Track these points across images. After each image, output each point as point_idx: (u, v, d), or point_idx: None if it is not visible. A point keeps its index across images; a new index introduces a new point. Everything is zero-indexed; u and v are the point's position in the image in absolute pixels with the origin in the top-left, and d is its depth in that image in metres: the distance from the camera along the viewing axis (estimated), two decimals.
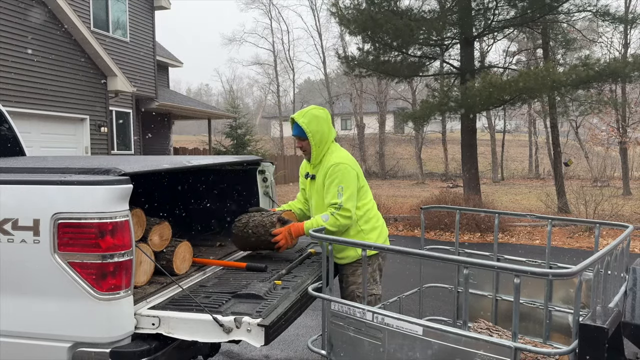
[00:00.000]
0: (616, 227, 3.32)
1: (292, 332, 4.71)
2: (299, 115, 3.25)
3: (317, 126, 3.22)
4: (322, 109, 3.32)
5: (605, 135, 21.14)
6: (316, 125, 3.22)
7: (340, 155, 3.24)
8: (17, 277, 2.21)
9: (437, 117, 14.74)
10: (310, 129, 3.20)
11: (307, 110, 3.28)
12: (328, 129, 3.27)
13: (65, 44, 11.41)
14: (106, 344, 2.16)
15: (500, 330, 3.05)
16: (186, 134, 41.32)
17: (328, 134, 3.27)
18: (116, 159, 3.44)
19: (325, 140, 3.25)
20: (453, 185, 21.56)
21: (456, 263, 3.22)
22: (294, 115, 3.29)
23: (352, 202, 3.12)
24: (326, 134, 3.26)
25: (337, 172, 3.12)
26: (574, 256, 6.92)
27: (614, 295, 2.67)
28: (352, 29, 12.58)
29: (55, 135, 11.43)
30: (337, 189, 3.11)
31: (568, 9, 12.26)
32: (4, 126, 4.22)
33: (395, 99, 34.46)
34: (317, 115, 3.24)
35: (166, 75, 20.90)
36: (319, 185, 3.24)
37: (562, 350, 2.21)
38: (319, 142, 3.23)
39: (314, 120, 3.22)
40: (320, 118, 3.25)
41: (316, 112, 3.26)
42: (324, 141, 3.25)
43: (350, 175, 3.15)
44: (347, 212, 3.09)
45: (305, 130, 3.20)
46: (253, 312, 2.31)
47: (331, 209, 3.10)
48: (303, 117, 3.23)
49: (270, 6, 40.17)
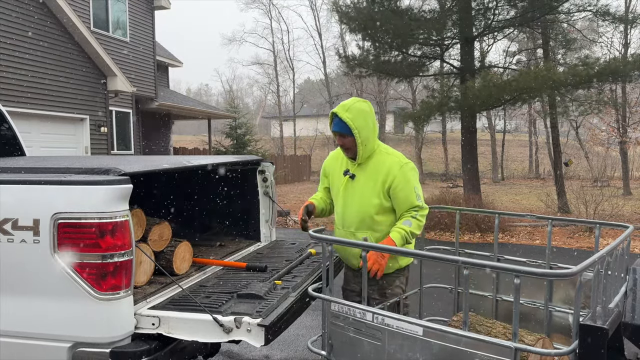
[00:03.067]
0: (616, 227, 3.32)
1: (292, 332, 4.70)
2: (342, 109, 2.91)
3: (364, 121, 2.91)
4: (366, 102, 3.01)
5: (605, 135, 21.15)
6: (363, 120, 2.90)
7: (399, 153, 3.06)
8: (17, 277, 2.21)
9: (437, 117, 14.75)
10: (357, 125, 2.88)
11: (351, 103, 2.95)
12: (373, 124, 2.99)
13: (65, 44, 11.41)
14: (106, 344, 2.16)
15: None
16: (186, 134, 41.32)
17: (374, 130, 2.99)
18: (116, 159, 3.44)
19: (372, 137, 2.97)
20: (453, 185, 21.55)
21: (456, 263, 3.21)
22: (335, 109, 2.96)
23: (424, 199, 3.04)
24: (372, 129, 2.97)
25: (409, 173, 2.95)
26: (574, 256, 6.92)
27: (614, 295, 2.67)
28: (352, 27, 12.59)
29: (55, 135, 11.43)
30: (414, 191, 2.94)
31: (568, 8, 12.27)
32: (4, 126, 4.22)
33: (395, 99, 34.46)
34: (363, 109, 2.93)
35: (166, 75, 20.90)
36: (371, 185, 2.96)
37: (562, 350, 2.21)
38: (365, 139, 2.92)
39: (361, 115, 2.90)
40: (367, 112, 2.94)
41: (362, 105, 2.95)
42: (371, 138, 2.95)
43: (417, 174, 3.05)
44: (426, 211, 3.00)
45: (351, 126, 2.87)
46: (253, 312, 2.31)
47: (412, 212, 2.94)
48: (347, 111, 2.90)
49: (270, 6, 40.21)
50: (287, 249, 3.67)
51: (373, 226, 3.00)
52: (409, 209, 2.95)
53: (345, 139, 2.95)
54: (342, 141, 2.97)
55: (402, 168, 2.94)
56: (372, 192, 2.96)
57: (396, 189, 2.92)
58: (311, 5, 49.70)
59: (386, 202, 2.97)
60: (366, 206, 2.98)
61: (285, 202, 14.46)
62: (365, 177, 2.99)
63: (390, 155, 3.02)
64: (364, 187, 2.99)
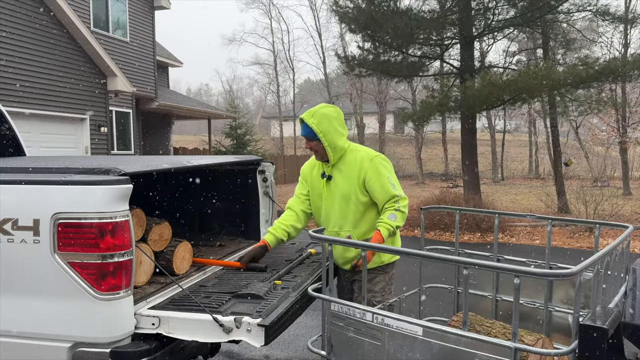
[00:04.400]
0: (616, 227, 3.32)
1: (292, 332, 4.70)
2: (308, 115, 3.07)
3: (329, 125, 3.05)
4: (332, 107, 3.15)
5: (605, 135, 21.16)
6: (328, 124, 3.05)
7: (369, 149, 3.17)
8: (17, 277, 2.21)
9: (437, 117, 14.75)
10: (321, 129, 3.03)
11: (317, 109, 3.11)
12: (341, 127, 3.11)
13: (65, 44, 11.41)
14: (106, 344, 2.16)
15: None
16: (186, 134, 41.30)
17: (342, 133, 3.10)
18: (116, 159, 3.44)
19: (339, 139, 3.07)
20: (453, 185, 21.55)
21: (456, 263, 3.21)
22: (302, 115, 3.12)
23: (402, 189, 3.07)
24: (339, 132, 3.09)
25: (379, 165, 3.04)
26: (574, 256, 6.92)
27: (614, 295, 2.67)
28: (352, 27, 12.59)
29: (55, 135, 11.42)
30: (388, 180, 3.00)
31: (568, 8, 12.27)
32: (4, 126, 4.21)
33: (395, 99, 34.43)
34: (327, 113, 3.07)
35: (166, 75, 20.89)
36: (350, 183, 3.06)
37: (562, 350, 2.21)
38: (332, 142, 3.05)
39: (325, 119, 3.05)
40: (331, 117, 3.07)
41: (326, 110, 3.09)
42: (338, 140, 3.07)
43: (390, 165, 3.11)
44: (406, 201, 3.07)
45: (316, 130, 3.03)
46: (253, 312, 2.31)
47: (392, 204, 3.01)
48: (312, 116, 3.05)
49: (270, 6, 40.18)
50: (287, 249, 3.66)
51: (355, 223, 3.11)
52: (389, 200, 3.02)
53: (313, 143, 3.10)
54: (309, 145, 3.13)
55: (372, 160, 3.05)
56: (350, 190, 3.08)
57: (370, 181, 3.03)
58: (311, 5, 49.61)
59: (364, 197, 3.07)
60: (346, 204, 3.09)
61: (285, 202, 14.43)
62: (342, 176, 3.11)
63: (360, 151, 3.14)
64: (342, 186, 3.10)
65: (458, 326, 2.88)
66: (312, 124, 3.04)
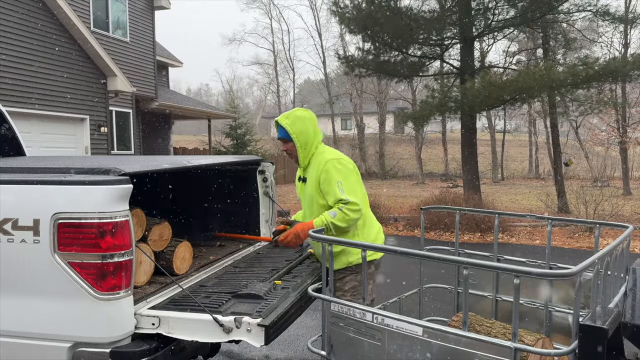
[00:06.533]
0: (616, 227, 3.32)
1: (292, 332, 4.70)
2: (283, 118, 3.16)
3: (302, 126, 3.13)
4: (306, 110, 3.24)
5: (605, 135, 21.16)
6: (301, 125, 3.13)
7: (334, 152, 3.17)
8: (17, 277, 2.21)
9: (437, 117, 14.76)
10: (294, 130, 3.11)
11: (291, 112, 3.20)
12: (313, 129, 3.18)
13: (65, 44, 11.41)
14: (106, 344, 2.16)
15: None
16: (186, 134, 41.27)
17: (314, 135, 3.17)
18: (116, 159, 3.44)
19: (311, 141, 3.15)
20: (453, 185, 21.55)
21: (456, 263, 3.21)
22: (277, 118, 3.19)
23: (355, 194, 2.99)
24: (312, 134, 3.16)
25: (332, 168, 3.02)
26: (574, 256, 6.92)
27: (614, 295, 2.67)
28: (352, 28, 12.59)
29: (55, 135, 11.43)
30: (336, 185, 2.98)
31: (568, 8, 12.27)
32: (4, 126, 4.21)
33: (395, 99, 34.44)
34: (300, 116, 3.16)
35: (166, 75, 20.89)
36: (313, 186, 3.13)
37: (562, 350, 2.21)
38: (304, 143, 3.13)
39: (298, 121, 3.13)
40: (305, 119, 3.16)
41: (300, 113, 3.19)
42: (310, 142, 3.15)
43: (347, 168, 3.06)
44: (355, 206, 2.95)
45: (289, 131, 3.11)
46: (253, 312, 2.31)
47: (339, 205, 2.98)
48: (287, 118, 3.14)
49: (271, 6, 40.24)
50: (287, 249, 3.66)
51: None
52: (336, 202, 3.00)
53: (288, 144, 3.18)
54: (285, 147, 3.21)
55: (326, 164, 3.05)
56: (315, 192, 3.13)
57: (323, 183, 3.06)
58: (311, 5, 49.67)
59: (322, 200, 3.12)
60: (315, 206, 3.15)
61: (285, 202, 14.45)
62: (309, 179, 3.17)
63: (323, 153, 3.15)
64: (309, 188, 3.18)
65: (458, 326, 2.88)
66: (286, 125, 3.12)
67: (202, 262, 3.24)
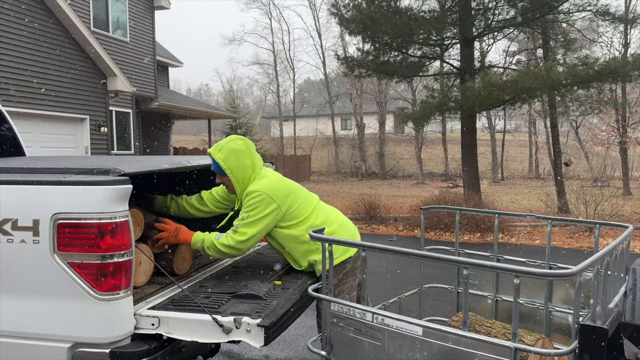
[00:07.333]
0: (616, 227, 3.32)
1: (292, 332, 4.70)
2: (216, 150, 2.91)
3: (237, 161, 2.89)
4: (241, 140, 2.99)
5: (605, 135, 21.15)
6: (235, 160, 2.89)
7: (260, 183, 2.89)
8: (16, 277, 2.21)
9: (437, 117, 14.76)
10: (229, 166, 2.88)
11: (225, 142, 2.95)
12: (251, 162, 2.95)
13: (65, 44, 11.41)
14: (106, 344, 2.16)
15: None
16: (186, 134, 41.29)
17: (252, 167, 2.95)
18: (116, 159, 3.44)
19: (248, 175, 2.93)
20: (453, 185, 21.55)
21: (456, 264, 3.21)
22: (210, 149, 2.96)
23: (252, 230, 2.78)
24: (249, 167, 2.93)
25: (249, 201, 2.81)
26: (574, 256, 6.92)
27: (614, 295, 2.67)
28: (351, 29, 12.59)
29: (55, 135, 11.43)
30: (244, 215, 2.80)
31: (568, 8, 12.27)
32: (4, 126, 4.21)
33: (395, 99, 34.45)
34: (234, 148, 2.91)
35: (166, 75, 20.90)
36: None
37: (562, 350, 2.21)
38: (241, 178, 2.91)
39: (233, 154, 2.89)
40: (240, 151, 2.91)
41: (234, 145, 2.92)
42: (247, 176, 2.93)
43: (263, 203, 2.79)
44: (241, 237, 2.77)
45: (223, 167, 2.87)
46: (253, 313, 2.31)
47: (231, 229, 2.83)
48: (220, 151, 2.89)
49: (271, 6, 40.20)
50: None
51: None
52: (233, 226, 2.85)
53: (224, 178, 2.95)
54: (221, 180, 2.98)
55: (245, 197, 2.85)
56: None
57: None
58: (310, 5, 49.59)
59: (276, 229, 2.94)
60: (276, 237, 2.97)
61: None
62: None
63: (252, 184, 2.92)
64: None
65: (458, 326, 2.88)
66: (219, 160, 2.88)
67: (202, 262, 3.24)
